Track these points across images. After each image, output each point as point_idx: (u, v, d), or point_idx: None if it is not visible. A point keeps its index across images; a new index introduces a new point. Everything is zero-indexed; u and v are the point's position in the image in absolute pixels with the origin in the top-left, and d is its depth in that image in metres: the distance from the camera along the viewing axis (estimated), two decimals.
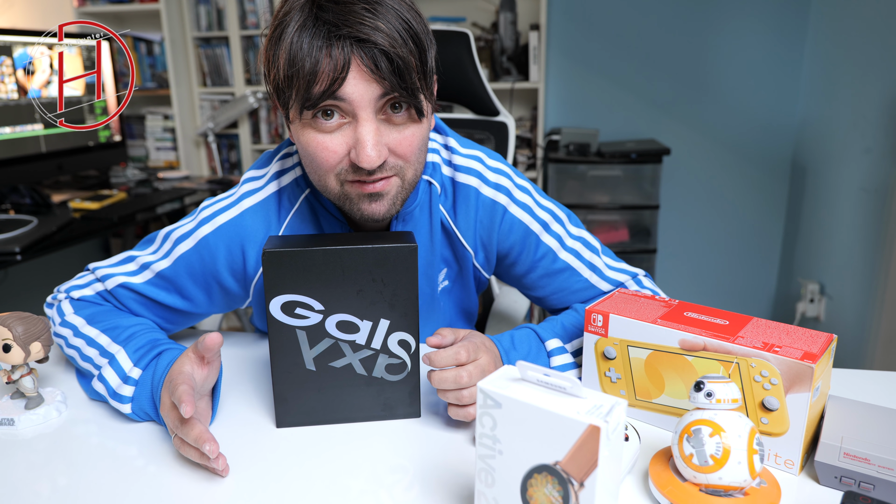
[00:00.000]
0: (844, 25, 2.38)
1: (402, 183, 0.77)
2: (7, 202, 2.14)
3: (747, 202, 2.89)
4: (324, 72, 0.68)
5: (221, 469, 0.66)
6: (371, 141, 0.70)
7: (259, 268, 0.84)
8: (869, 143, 2.12)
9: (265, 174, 0.87)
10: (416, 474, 0.67)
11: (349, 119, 0.72)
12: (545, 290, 0.93)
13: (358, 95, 0.69)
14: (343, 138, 0.72)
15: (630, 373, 0.74)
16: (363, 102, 0.70)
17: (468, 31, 1.41)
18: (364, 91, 0.69)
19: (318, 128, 0.72)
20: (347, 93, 0.69)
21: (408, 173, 0.76)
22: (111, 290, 0.87)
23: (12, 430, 0.76)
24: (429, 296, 0.93)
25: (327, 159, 0.73)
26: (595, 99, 2.90)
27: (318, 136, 0.72)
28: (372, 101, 0.70)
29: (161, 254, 0.86)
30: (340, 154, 0.73)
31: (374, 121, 0.71)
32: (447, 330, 0.75)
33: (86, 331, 0.84)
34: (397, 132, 0.73)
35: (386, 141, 0.73)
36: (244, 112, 2.99)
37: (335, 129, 0.72)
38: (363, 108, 0.70)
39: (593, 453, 0.48)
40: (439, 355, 0.71)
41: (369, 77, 0.68)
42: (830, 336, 0.67)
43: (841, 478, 0.61)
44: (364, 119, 0.70)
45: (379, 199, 0.76)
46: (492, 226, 0.89)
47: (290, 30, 0.68)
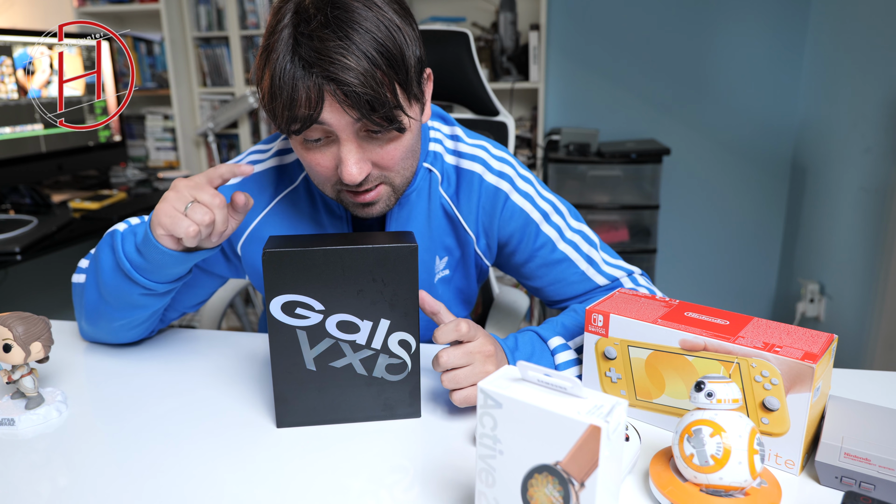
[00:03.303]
0: (844, 25, 2.38)
1: (392, 188, 0.82)
2: (7, 202, 2.14)
3: (747, 202, 2.89)
4: (301, 101, 0.70)
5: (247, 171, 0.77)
6: (352, 160, 0.75)
7: (244, 232, 0.92)
8: (869, 143, 2.12)
9: (269, 149, 0.94)
10: (416, 474, 0.67)
11: (333, 136, 0.75)
12: (542, 280, 0.95)
13: (335, 121, 0.72)
14: (330, 154, 0.77)
15: (630, 373, 0.74)
16: (341, 126, 0.73)
17: (468, 31, 1.41)
18: (340, 118, 0.72)
19: (307, 146, 0.77)
20: (325, 118, 0.72)
21: (395, 179, 0.81)
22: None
23: (12, 430, 0.76)
24: (425, 282, 0.95)
25: (322, 174, 0.79)
26: (595, 99, 2.90)
27: (309, 154, 0.78)
28: (349, 125, 0.73)
29: None
30: (331, 169, 0.78)
31: (355, 140, 0.75)
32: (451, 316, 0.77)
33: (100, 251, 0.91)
34: (380, 147, 0.77)
35: (369, 156, 0.77)
36: (244, 112, 2.99)
37: (323, 145, 0.76)
38: (342, 131, 0.74)
39: (594, 453, 0.48)
40: (441, 330, 0.73)
41: (342, 108, 0.71)
42: (831, 336, 0.67)
43: (841, 478, 0.61)
44: (345, 140, 0.74)
45: (371, 205, 0.82)
46: (493, 212, 0.92)
47: (274, 55, 0.71)
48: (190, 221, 0.73)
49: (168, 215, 0.73)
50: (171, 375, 0.88)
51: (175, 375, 0.88)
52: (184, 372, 0.88)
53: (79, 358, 0.93)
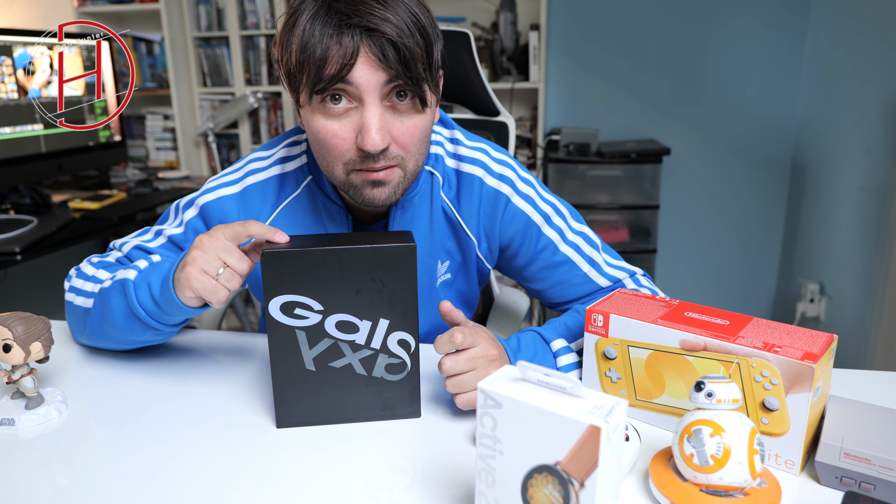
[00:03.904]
0: (844, 25, 2.38)
1: (404, 173, 0.81)
2: (7, 202, 2.14)
3: (747, 202, 2.89)
4: (333, 58, 0.71)
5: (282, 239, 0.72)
6: (375, 125, 0.74)
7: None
8: (869, 143, 2.12)
9: (271, 156, 0.93)
10: (416, 474, 0.67)
11: (356, 104, 0.75)
12: (544, 282, 0.95)
13: (365, 81, 0.73)
14: (350, 124, 0.76)
15: (630, 373, 0.74)
16: (370, 88, 0.73)
17: (468, 31, 1.41)
18: (371, 77, 0.72)
19: (326, 112, 0.76)
20: (355, 78, 0.72)
21: (409, 164, 0.80)
22: (127, 254, 0.92)
23: (12, 430, 0.76)
24: (427, 286, 0.95)
25: (337, 146, 0.77)
26: (595, 99, 2.90)
27: (326, 123, 0.76)
28: (378, 87, 0.73)
29: (175, 223, 0.92)
30: (349, 141, 0.76)
31: (380, 106, 0.75)
32: None
33: (98, 275, 0.91)
34: (400, 121, 0.77)
35: (389, 129, 0.76)
36: (244, 112, 2.99)
37: (342, 113, 0.75)
38: (369, 93, 0.73)
39: (594, 453, 0.48)
40: (438, 341, 0.73)
41: (377, 65, 0.72)
42: (831, 336, 0.67)
43: (841, 478, 0.61)
44: (370, 104, 0.74)
45: (381, 185, 0.79)
46: (494, 215, 0.92)
47: (303, 18, 0.72)
48: (223, 288, 0.73)
49: (200, 282, 0.72)
50: (171, 375, 0.88)
51: (175, 375, 0.88)
52: (184, 372, 0.88)
53: (79, 358, 0.93)
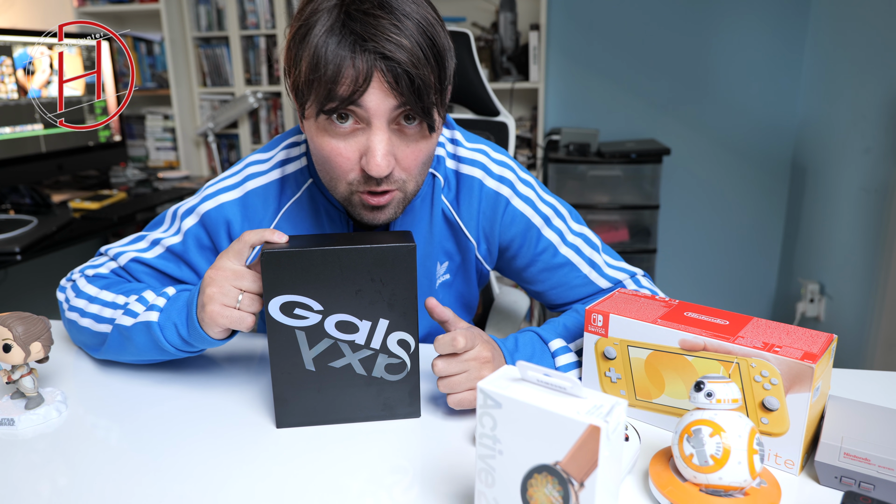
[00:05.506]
0: (844, 25, 2.38)
1: (404, 196, 0.80)
2: (7, 202, 2.14)
3: (747, 202, 2.89)
4: (346, 79, 0.69)
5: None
6: (382, 150, 0.73)
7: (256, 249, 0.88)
8: (869, 143, 2.12)
9: (270, 159, 0.91)
10: (416, 474, 0.67)
11: (363, 125, 0.73)
12: (544, 284, 0.95)
13: (375, 105, 0.71)
14: (356, 144, 0.74)
15: (630, 373, 0.74)
16: (379, 112, 0.72)
17: (468, 31, 1.41)
18: (381, 102, 0.71)
19: (332, 132, 0.74)
20: (366, 102, 0.71)
21: (409, 186, 0.79)
22: (124, 266, 0.90)
23: (12, 430, 0.76)
24: (426, 287, 0.94)
25: (340, 165, 0.76)
26: (595, 99, 2.90)
27: (332, 142, 0.75)
28: (387, 112, 0.72)
29: (172, 231, 0.90)
30: (353, 161, 0.75)
31: (387, 130, 0.73)
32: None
33: (102, 296, 0.87)
34: (406, 145, 0.75)
35: (395, 152, 0.75)
36: (244, 112, 2.99)
37: (349, 133, 0.74)
38: (378, 118, 0.72)
39: (593, 453, 0.48)
40: (439, 341, 0.73)
41: (388, 91, 0.70)
42: (830, 336, 0.67)
43: (841, 478, 0.61)
44: (377, 128, 0.73)
45: (380, 210, 0.79)
46: (494, 217, 0.91)
47: (316, 31, 0.70)
48: (248, 314, 0.73)
49: (224, 317, 0.72)
50: (171, 375, 0.87)
51: (175, 375, 0.87)
52: (183, 372, 0.88)
53: (79, 358, 0.93)
